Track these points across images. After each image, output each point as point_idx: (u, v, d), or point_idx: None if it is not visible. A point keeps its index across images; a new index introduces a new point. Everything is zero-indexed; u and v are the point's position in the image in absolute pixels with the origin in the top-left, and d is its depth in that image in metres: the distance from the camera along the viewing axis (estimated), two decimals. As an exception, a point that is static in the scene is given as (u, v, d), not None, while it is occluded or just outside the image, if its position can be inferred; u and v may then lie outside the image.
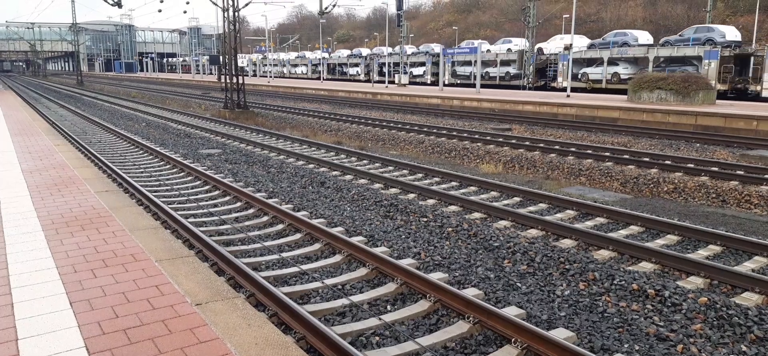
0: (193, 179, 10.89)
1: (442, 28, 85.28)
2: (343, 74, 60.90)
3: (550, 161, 13.04)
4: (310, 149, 15.05)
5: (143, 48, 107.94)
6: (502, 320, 4.62)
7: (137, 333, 3.43)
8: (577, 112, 22.07)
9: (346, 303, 5.26)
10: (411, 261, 6.37)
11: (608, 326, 4.93)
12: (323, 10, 41.50)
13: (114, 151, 14.58)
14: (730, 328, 4.82)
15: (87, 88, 54.19)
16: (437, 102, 28.91)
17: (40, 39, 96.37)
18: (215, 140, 16.75)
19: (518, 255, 6.58)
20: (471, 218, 8.24)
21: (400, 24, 42.96)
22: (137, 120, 23.14)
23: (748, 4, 48.33)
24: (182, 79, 66.54)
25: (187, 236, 6.92)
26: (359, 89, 37.79)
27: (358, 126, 20.38)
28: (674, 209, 9.25)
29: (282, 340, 3.43)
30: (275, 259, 6.47)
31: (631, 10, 65.22)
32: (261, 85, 47.86)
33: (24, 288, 4.07)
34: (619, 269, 6.04)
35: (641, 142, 16.02)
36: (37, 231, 5.42)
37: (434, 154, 15.21)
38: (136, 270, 4.47)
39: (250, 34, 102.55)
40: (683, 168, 11.57)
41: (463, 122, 21.79)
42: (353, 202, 9.33)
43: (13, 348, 3.23)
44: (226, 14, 25.56)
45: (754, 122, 17.04)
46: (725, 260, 6.60)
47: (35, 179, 7.92)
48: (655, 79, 23.22)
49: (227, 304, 3.88)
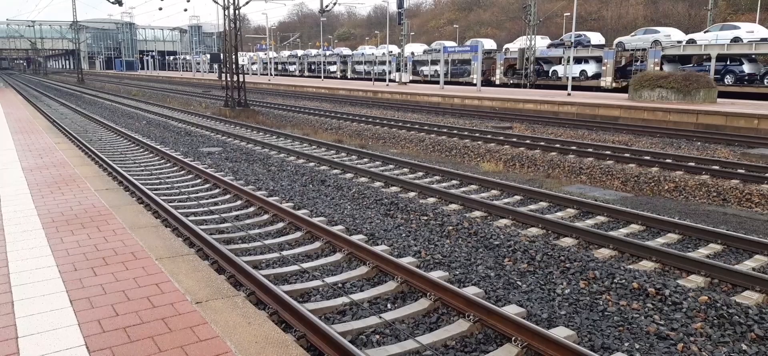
0: (193, 178, 10.89)
1: (443, 27, 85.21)
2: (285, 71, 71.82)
3: (551, 160, 13.03)
4: (311, 147, 15.04)
5: (144, 46, 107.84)
6: (502, 318, 4.62)
7: (137, 331, 3.43)
8: (578, 110, 22.05)
9: (346, 301, 5.26)
10: (411, 260, 6.36)
11: (608, 325, 4.92)
12: (324, 9, 41.46)
13: (114, 149, 14.59)
14: (730, 327, 4.82)
15: (88, 86, 54.20)
16: (438, 100, 28.89)
17: (40, 37, 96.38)
18: (216, 139, 16.75)
19: (519, 254, 6.58)
20: (471, 216, 8.24)
21: (401, 22, 42.91)
22: (138, 118, 23.14)
23: (750, 3, 48.27)
24: (183, 77, 66.54)
25: (187, 234, 6.92)
26: (360, 88, 37.78)
27: (359, 124, 20.37)
28: (675, 207, 9.24)
29: (282, 338, 3.43)
30: (275, 257, 6.47)
31: (632, 8, 65.16)
32: (261, 83, 47.86)
33: (24, 286, 4.07)
34: (619, 267, 6.03)
35: (642, 140, 16.00)
36: (38, 229, 5.42)
37: (435, 152, 15.21)
38: (137, 268, 4.47)
39: (251, 32, 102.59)
40: (684, 167, 11.55)
41: (464, 120, 21.77)
42: (354, 200, 9.32)
43: (13, 346, 3.23)
44: (227, 12, 25.55)
45: (755, 121, 17.02)
46: (726, 258, 6.59)
47: (36, 177, 7.92)
48: (656, 77, 23.20)
49: (227, 302, 3.88)
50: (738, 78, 28.72)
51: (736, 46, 29.23)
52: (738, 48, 29.07)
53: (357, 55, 58.04)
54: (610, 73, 34.06)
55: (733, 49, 29.11)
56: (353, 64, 56.90)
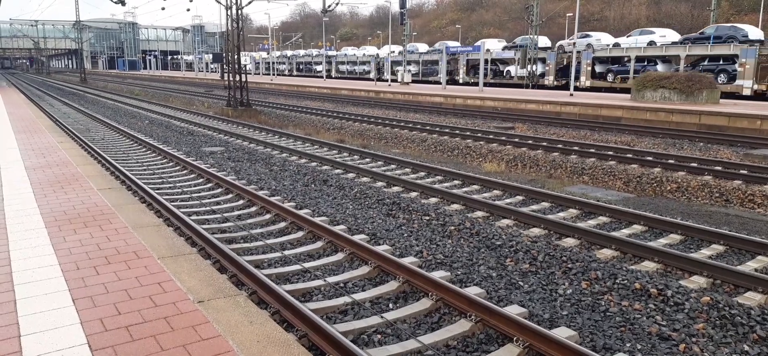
0: (195, 177, 10.91)
1: (446, 27, 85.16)
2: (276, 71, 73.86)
3: (553, 160, 13.01)
4: (313, 147, 15.05)
5: (146, 46, 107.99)
6: (504, 318, 4.62)
7: (139, 330, 3.44)
8: (580, 111, 22.03)
9: (348, 301, 5.26)
10: (413, 260, 6.36)
11: (610, 325, 4.92)
12: (326, 9, 41.47)
13: (117, 148, 14.61)
14: (732, 328, 4.81)
15: (90, 85, 54.29)
16: (440, 100, 28.88)
17: (43, 37, 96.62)
18: (218, 138, 16.77)
19: (520, 254, 6.57)
20: (473, 216, 8.23)
21: (404, 22, 42.87)
22: (140, 118, 23.17)
23: (753, 3, 48.14)
24: (185, 77, 66.64)
25: (189, 233, 6.93)
26: (362, 88, 37.81)
27: (361, 124, 20.37)
28: (677, 208, 9.23)
29: (284, 338, 3.43)
30: (277, 257, 6.47)
31: (634, 8, 65.06)
32: (264, 83, 47.90)
33: (27, 285, 4.08)
34: (621, 268, 6.03)
35: (644, 141, 15.98)
36: (40, 228, 5.43)
37: (437, 152, 15.20)
38: (139, 267, 4.48)
39: (254, 32, 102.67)
40: (686, 167, 11.53)
41: (466, 120, 21.76)
42: (356, 200, 9.33)
43: (16, 345, 3.24)
44: (230, 12, 25.57)
45: (758, 122, 16.98)
46: (728, 259, 6.58)
47: (38, 176, 7.94)
48: (658, 78, 23.15)
49: (229, 302, 3.88)
50: None
51: (651, 49, 33.11)
52: (653, 50, 32.89)
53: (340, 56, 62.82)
54: (552, 73, 37.83)
55: (648, 52, 33.02)
56: (337, 64, 61.12)
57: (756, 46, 27.46)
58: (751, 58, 26.77)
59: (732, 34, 30.28)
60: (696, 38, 32.33)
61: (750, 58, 26.78)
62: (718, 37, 30.50)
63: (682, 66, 29.74)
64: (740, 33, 30.21)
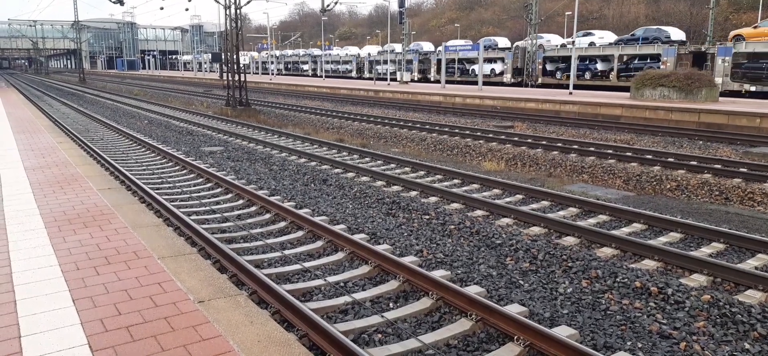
0: (195, 177, 10.90)
1: (445, 26, 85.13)
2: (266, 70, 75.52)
3: (553, 159, 13.02)
4: (313, 146, 15.04)
5: (145, 46, 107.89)
6: (504, 317, 4.62)
7: (140, 331, 3.43)
8: (579, 109, 22.03)
9: (348, 300, 5.26)
10: (413, 259, 6.36)
11: (611, 324, 4.92)
12: (325, 8, 41.45)
13: (116, 148, 14.60)
14: (733, 326, 4.81)
15: (89, 85, 54.25)
16: (439, 99, 28.88)
17: (42, 37, 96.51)
18: (217, 138, 16.76)
19: (521, 253, 6.57)
20: (473, 215, 8.23)
21: (402, 21, 42.86)
22: (139, 118, 23.15)
23: (751, 1, 48.15)
24: (184, 76, 66.59)
25: (189, 233, 6.93)
26: (361, 87, 37.81)
27: (360, 123, 20.36)
28: (677, 206, 9.23)
29: (284, 338, 3.42)
30: (277, 256, 6.47)
31: (633, 7, 65.04)
32: (263, 82, 47.88)
33: (27, 286, 4.08)
34: (621, 266, 6.03)
35: (644, 139, 15.98)
36: (40, 229, 5.43)
37: (436, 151, 15.20)
38: (139, 267, 4.47)
39: (252, 31, 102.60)
40: (686, 166, 11.54)
41: (465, 119, 21.76)
42: (355, 199, 9.32)
43: (16, 346, 3.24)
44: (228, 12, 25.55)
45: (757, 120, 16.99)
46: (728, 257, 6.58)
47: (38, 177, 7.93)
48: (658, 76, 23.15)
49: (229, 302, 3.88)
50: (594, 74, 35.58)
51: (591, 49, 36.26)
52: (593, 50, 36.15)
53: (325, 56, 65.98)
54: (509, 71, 40.79)
55: (589, 52, 36.14)
56: (323, 63, 63.78)
57: (675, 45, 31.61)
58: (671, 56, 30.71)
59: (657, 36, 34.23)
60: (628, 39, 36.26)
61: (670, 56, 30.72)
62: (645, 38, 34.53)
63: (616, 65, 33.73)
64: (664, 34, 34.11)
